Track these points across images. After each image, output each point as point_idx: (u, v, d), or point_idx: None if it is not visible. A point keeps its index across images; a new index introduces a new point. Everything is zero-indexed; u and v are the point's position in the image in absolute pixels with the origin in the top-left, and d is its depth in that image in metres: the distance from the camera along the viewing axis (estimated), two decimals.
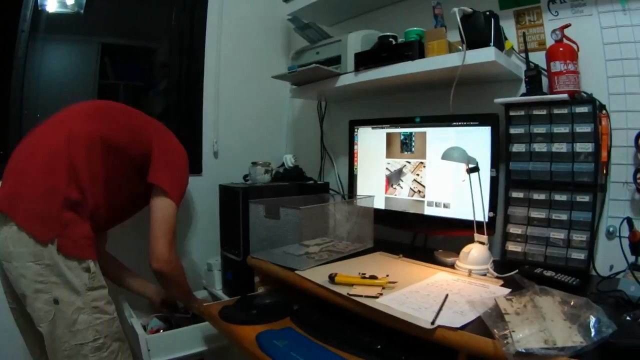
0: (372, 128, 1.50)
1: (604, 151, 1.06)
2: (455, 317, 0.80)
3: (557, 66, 1.10)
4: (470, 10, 1.13)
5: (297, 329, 1.00)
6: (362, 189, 1.53)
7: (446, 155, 1.12)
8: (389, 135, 1.45)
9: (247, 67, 1.91)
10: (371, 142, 1.50)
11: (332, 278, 1.00)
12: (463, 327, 0.76)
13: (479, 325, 0.76)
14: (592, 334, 0.67)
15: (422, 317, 0.79)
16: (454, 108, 1.21)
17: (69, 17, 1.55)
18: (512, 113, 1.17)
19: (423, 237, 1.46)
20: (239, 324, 1.06)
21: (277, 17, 1.94)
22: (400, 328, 0.81)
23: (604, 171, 1.08)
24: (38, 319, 1.00)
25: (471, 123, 1.23)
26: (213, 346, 1.34)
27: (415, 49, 1.25)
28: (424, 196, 1.34)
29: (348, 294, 0.92)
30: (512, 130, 1.17)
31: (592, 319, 0.70)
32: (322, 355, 0.88)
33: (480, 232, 1.13)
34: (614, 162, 1.10)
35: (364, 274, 1.04)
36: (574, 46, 1.12)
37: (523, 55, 1.22)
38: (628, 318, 0.73)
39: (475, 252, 1.10)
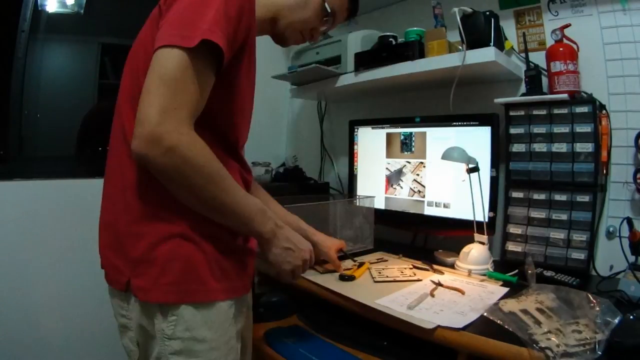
0: (372, 128, 1.50)
1: (604, 151, 1.06)
2: (455, 317, 0.80)
3: (557, 66, 1.10)
4: (470, 10, 1.13)
5: (304, 327, 1.01)
6: (362, 189, 1.53)
7: (446, 155, 1.12)
8: (389, 135, 1.45)
9: None
10: (371, 142, 1.50)
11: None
12: (464, 328, 0.76)
13: (479, 326, 0.77)
14: (601, 327, 0.68)
15: (423, 318, 0.79)
16: (454, 108, 1.21)
17: (69, 17, 1.55)
18: (512, 113, 1.17)
19: (423, 237, 1.47)
20: None
21: None
22: (401, 328, 0.82)
23: (604, 171, 1.08)
24: None
25: (471, 123, 1.23)
26: None
27: (415, 49, 1.25)
28: (424, 196, 1.34)
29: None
30: (512, 130, 1.17)
31: (599, 313, 0.71)
32: (330, 352, 0.88)
33: (480, 232, 1.13)
34: (614, 162, 1.10)
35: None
36: (574, 46, 1.12)
37: (523, 55, 1.22)
38: (631, 317, 0.73)
39: (475, 252, 1.10)
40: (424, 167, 1.34)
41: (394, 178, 1.43)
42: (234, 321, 0.72)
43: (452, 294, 0.93)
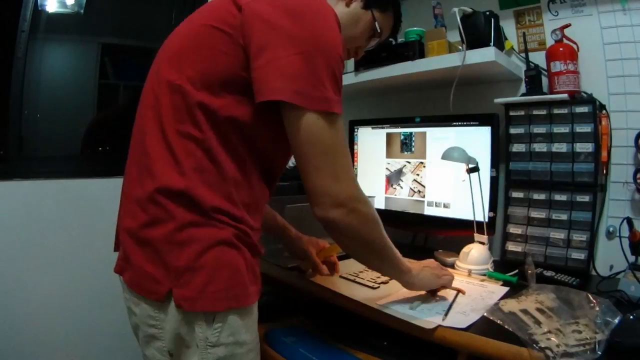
0: (372, 128, 1.50)
1: (604, 151, 1.06)
2: (458, 317, 0.80)
3: (557, 66, 1.10)
4: (470, 10, 1.13)
5: (304, 327, 1.01)
6: (362, 189, 1.53)
7: (446, 155, 1.12)
8: (389, 135, 1.44)
9: None
10: (371, 142, 1.50)
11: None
12: (468, 328, 0.76)
13: (479, 326, 0.77)
14: (601, 327, 0.68)
15: (423, 318, 0.79)
16: (454, 108, 1.21)
17: (69, 17, 1.55)
18: (512, 113, 1.17)
19: (423, 237, 1.47)
20: None
21: None
22: (402, 329, 0.82)
23: (604, 171, 1.08)
24: None
25: (471, 123, 1.23)
26: None
27: (415, 49, 1.25)
28: (424, 196, 1.34)
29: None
30: (512, 130, 1.17)
31: (599, 313, 0.71)
32: (331, 352, 0.88)
33: (480, 232, 1.13)
34: (614, 162, 1.10)
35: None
36: (574, 46, 1.12)
37: (523, 55, 1.23)
38: (631, 317, 0.73)
39: (475, 252, 1.10)
40: (424, 167, 1.34)
41: (394, 178, 1.43)
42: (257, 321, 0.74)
43: (452, 295, 0.92)
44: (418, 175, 1.36)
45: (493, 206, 1.18)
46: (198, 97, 0.65)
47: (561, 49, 1.11)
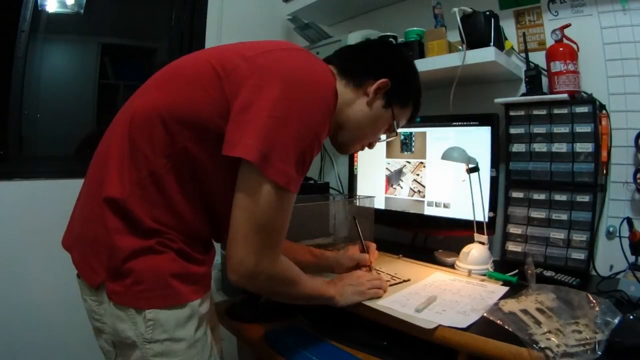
0: None
1: (604, 151, 1.06)
2: (459, 317, 0.80)
3: (557, 66, 1.10)
4: (470, 10, 1.13)
5: (304, 327, 1.01)
6: (362, 189, 1.53)
7: (446, 155, 1.12)
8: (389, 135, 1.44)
9: None
10: None
11: None
12: (468, 328, 0.76)
13: (479, 326, 0.77)
14: (601, 327, 0.69)
15: (426, 318, 0.79)
16: (454, 108, 1.21)
17: (69, 17, 1.55)
18: (512, 113, 1.17)
19: (423, 237, 1.47)
20: (247, 322, 1.05)
21: (277, 17, 1.94)
22: (402, 329, 0.82)
23: (604, 171, 1.08)
24: None
25: (471, 123, 1.23)
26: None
27: (415, 49, 1.25)
28: (424, 196, 1.34)
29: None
30: (512, 130, 1.17)
31: (599, 313, 0.71)
32: (331, 352, 0.88)
33: (480, 232, 1.13)
34: (614, 162, 1.10)
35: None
36: (574, 46, 1.12)
37: (523, 55, 1.22)
38: (631, 317, 0.73)
39: (475, 252, 1.10)
40: (424, 167, 1.34)
41: (394, 178, 1.43)
42: (205, 318, 0.76)
43: (452, 295, 0.93)
44: (418, 175, 1.36)
45: (493, 206, 1.18)
46: (171, 126, 0.69)
47: (561, 49, 1.11)
